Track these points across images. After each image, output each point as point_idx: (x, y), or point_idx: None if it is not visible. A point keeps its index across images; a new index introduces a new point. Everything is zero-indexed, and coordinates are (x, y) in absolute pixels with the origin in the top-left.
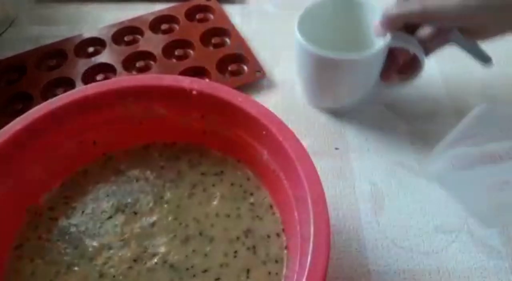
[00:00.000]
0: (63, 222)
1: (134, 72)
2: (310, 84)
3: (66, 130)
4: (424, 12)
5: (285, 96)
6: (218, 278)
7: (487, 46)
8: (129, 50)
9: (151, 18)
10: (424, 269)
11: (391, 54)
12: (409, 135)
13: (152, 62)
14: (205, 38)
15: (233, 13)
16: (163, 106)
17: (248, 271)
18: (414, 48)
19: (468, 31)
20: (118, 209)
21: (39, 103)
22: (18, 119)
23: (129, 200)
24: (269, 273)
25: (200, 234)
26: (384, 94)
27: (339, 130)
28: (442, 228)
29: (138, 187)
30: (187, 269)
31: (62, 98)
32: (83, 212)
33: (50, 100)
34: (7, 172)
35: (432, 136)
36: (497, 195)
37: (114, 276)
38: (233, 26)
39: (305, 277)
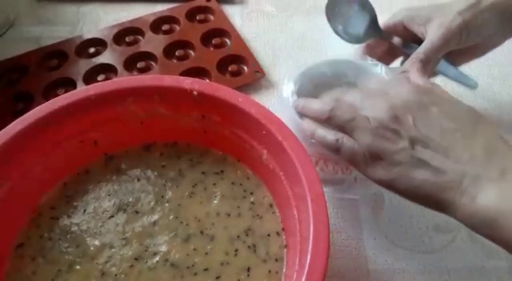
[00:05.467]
0: (64, 221)
1: (135, 73)
2: None
3: (67, 130)
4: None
5: None
6: (219, 277)
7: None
8: (130, 50)
9: (152, 19)
10: (423, 269)
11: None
12: None
13: (153, 63)
14: (206, 39)
15: (233, 14)
16: (164, 106)
17: (248, 269)
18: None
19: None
20: (120, 208)
21: (40, 103)
22: (19, 119)
23: (130, 199)
24: (269, 271)
25: (201, 233)
26: None
27: None
28: (441, 228)
29: (139, 186)
30: (188, 267)
31: (63, 98)
32: (84, 211)
33: (51, 101)
34: (9, 172)
35: None
36: None
37: (115, 275)
38: (233, 27)
39: (304, 276)
